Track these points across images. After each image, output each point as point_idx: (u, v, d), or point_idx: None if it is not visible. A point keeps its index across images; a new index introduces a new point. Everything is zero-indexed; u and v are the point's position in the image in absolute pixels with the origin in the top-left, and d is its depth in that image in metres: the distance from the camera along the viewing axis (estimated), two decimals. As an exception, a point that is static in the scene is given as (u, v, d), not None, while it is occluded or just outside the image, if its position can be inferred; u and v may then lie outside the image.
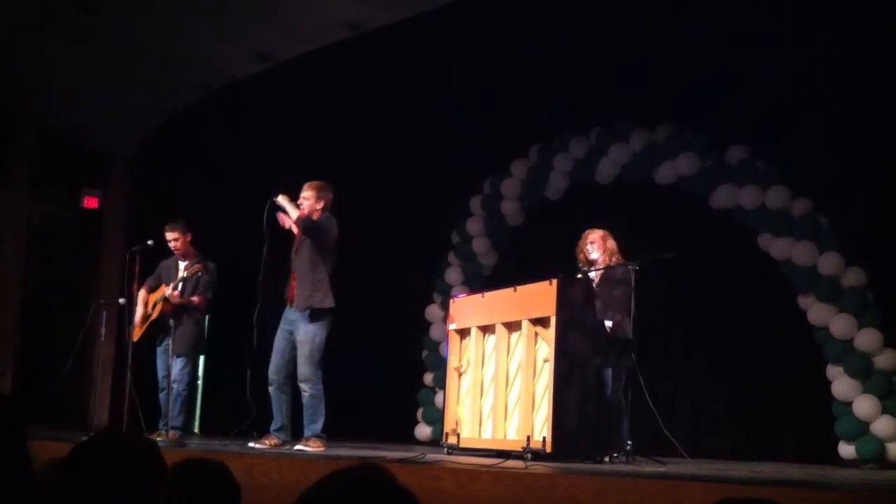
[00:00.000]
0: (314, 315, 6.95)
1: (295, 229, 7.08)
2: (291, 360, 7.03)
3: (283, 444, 6.94)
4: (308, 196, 7.13)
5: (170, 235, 7.90)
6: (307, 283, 6.96)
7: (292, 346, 7.03)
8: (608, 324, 6.72)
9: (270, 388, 7.06)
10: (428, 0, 8.56)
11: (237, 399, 10.10)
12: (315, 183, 7.20)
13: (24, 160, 10.40)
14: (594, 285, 6.93)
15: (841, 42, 7.92)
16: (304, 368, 6.93)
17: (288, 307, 7.11)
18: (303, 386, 6.96)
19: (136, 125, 11.08)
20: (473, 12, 8.63)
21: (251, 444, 6.86)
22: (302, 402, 7.02)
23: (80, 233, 10.97)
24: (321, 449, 6.73)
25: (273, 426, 7.02)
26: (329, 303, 6.96)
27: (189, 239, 7.99)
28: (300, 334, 6.97)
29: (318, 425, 6.90)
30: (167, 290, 7.76)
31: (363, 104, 10.09)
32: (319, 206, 7.13)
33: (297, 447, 6.77)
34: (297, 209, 7.03)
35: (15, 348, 10.14)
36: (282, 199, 7.03)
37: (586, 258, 7.12)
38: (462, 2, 8.45)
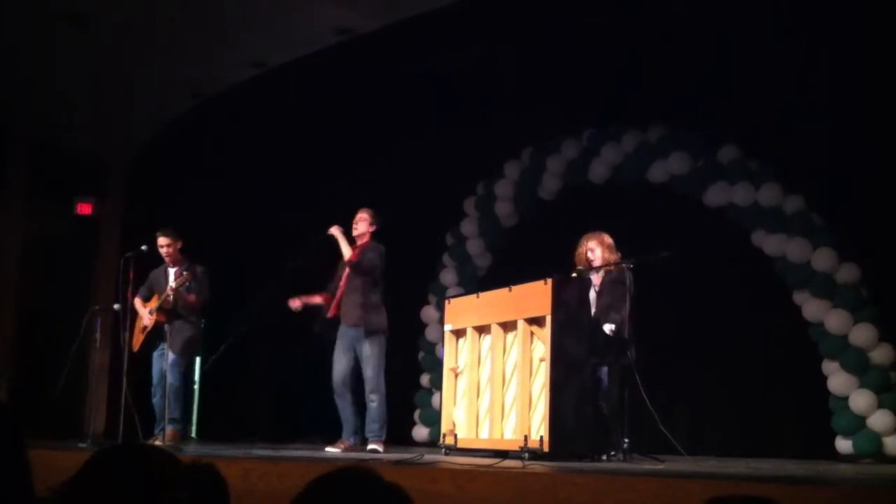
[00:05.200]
0: (372, 334, 7.52)
1: (346, 254, 7.59)
2: (351, 372, 7.57)
3: (354, 446, 7.48)
4: (364, 218, 7.72)
5: (161, 241, 7.96)
6: (358, 304, 7.54)
7: (352, 359, 7.57)
8: (610, 328, 6.72)
9: (337, 397, 7.59)
10: (417, 5, 8.57)
11: (237, 404, 10.09)
12: (369, 209, 7.78)
13: (20, 170, 10.40)
14: (597, 288, 6.95)
15: (830, 39, 7.94)
16: (371, 383, 7.51)
17: (344, 326, 7.63)
18: (372, 397, 7.51)
19: (132, 134, 11.08)
20: (465, 16, 8.63)
21: (328, 449, 7.39)
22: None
23: (76, 241, 10.97)
24: (381, 448, 7.41)
25: (346, 432, 7.54)
26: (383, 324, 7.58)
27: (179, 247, 8.03)
28: (364, 352, 7.53)
29: (384, 431, 7.53)
30: (160, 300, 7.81)
31: (357, 108, 10.11)
32: (372, 229, 7.72)
33: (371, 447, 7.38)
34: (349, 247, 7.59)
35: (8, 357, 10.12)
36: (337, 234, 7.61)
37: (589, 264, 7.11)
38: (452, 6, 8.46)
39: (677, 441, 6.93)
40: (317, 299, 7.80)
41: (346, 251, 7.58)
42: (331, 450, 7.39)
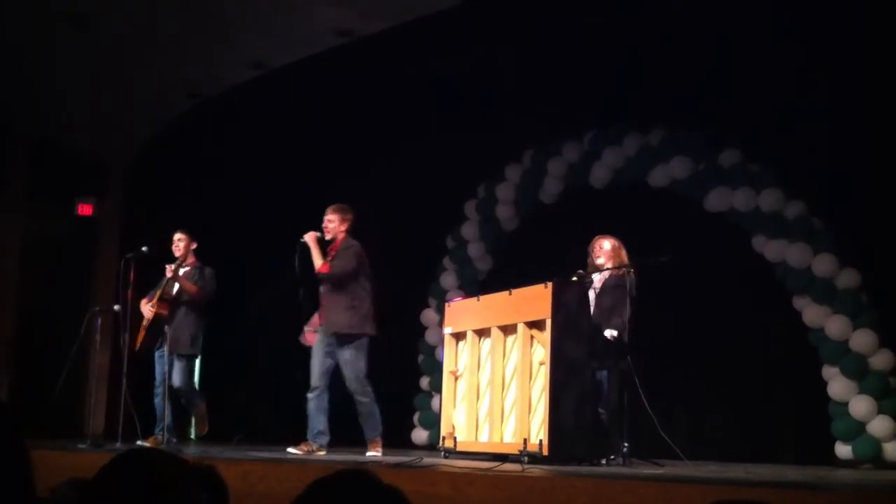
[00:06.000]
0: (347, 340, 7.24)
1: (317, 265, 7.29)
2: (328, 372, 7.28)
3: (320, 448, 7.16)
4: (332, 219, 7.42)
5: (177, 236, 8.00)
6: (334, 310, 7.25)
7: (330, 360, 7.29)
8: (612, 333, 6.68)
9: (310, 396, 7.27)
10: (419, 7, 8.57)
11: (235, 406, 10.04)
12: (337, 206, 7.49)
13: (20, 170, 10.40)
14: (597, 290, 6.92)
15: (833, 43, 7.93)
16: (354, 385, 7.23)
17: (324, 330, 7.34)
18: (359, 398, 7.26)
19: (132, 134, 11.09)
20: (466, 18, 8.63)
21: (289, 450, 7.09)
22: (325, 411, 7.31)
23: (76, 242, 10.98)
24: (380, 451, 7.18)
25: (310, 433, 7.23)
26: (357, 329, 7.25)
27: (193, 248, 8.05)
28: (343, 356, 7.25)
29: (378, 431, 7.28)
30: (161, 290, 7.81)
31: (357, 109, 10.10)
32: (343, 227, 7.44)
33: (369, 453, 7.12)
34: (321, 255, 7.30)
35: (8, 358, 10.11)
36: (310, 241, 7.31)
37: (594, 263, 7.08)
38: (454, 8, 8.46)
39: (677, 445, 6.91)
40: (316, 321, 7.46)
41: (318, 261, 7.27)
42: (293, 451, 7.07)
